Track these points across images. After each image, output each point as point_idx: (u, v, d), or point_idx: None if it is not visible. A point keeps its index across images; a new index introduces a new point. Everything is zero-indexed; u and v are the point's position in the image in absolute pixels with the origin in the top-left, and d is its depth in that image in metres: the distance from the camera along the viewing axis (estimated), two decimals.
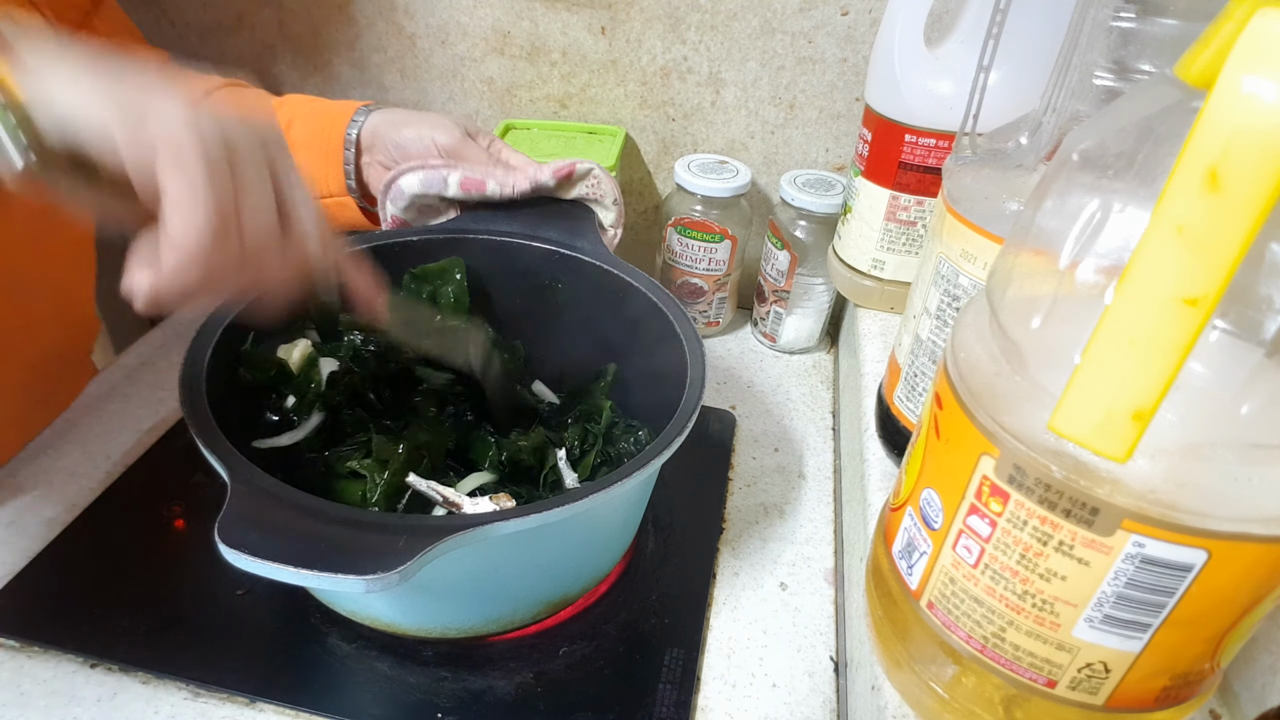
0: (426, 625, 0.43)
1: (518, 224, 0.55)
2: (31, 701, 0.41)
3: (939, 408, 0.31)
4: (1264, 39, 0.18)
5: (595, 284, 0.53)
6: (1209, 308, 0.19)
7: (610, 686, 0.43)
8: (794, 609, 0.49)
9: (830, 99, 0.67)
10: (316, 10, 0.72)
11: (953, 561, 0.30)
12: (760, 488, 0.58)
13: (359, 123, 0.53)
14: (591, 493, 0.36)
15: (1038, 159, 0.36)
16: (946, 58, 0.52)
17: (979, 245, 0.38)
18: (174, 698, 0.42)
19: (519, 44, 0.70)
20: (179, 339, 0.68)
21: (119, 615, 0.45)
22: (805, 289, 0.68)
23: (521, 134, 0.71)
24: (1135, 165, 0.24)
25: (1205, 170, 0.18)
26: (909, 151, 0.54)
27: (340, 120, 0.54)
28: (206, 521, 0.52)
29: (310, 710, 0.42)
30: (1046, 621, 0.27)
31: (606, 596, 0.48)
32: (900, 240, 0.57)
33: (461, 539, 0.33)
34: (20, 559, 0.47)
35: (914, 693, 0.34)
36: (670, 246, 0.70)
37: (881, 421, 0.50)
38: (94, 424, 0.58)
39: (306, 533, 0.32)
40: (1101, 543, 0.25)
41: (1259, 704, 0.34)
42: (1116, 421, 0.21)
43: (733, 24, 0.65)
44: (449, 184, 0.53)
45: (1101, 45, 0.31)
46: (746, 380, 0.69)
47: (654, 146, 0.73)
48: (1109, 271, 0.25)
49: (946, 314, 0.41)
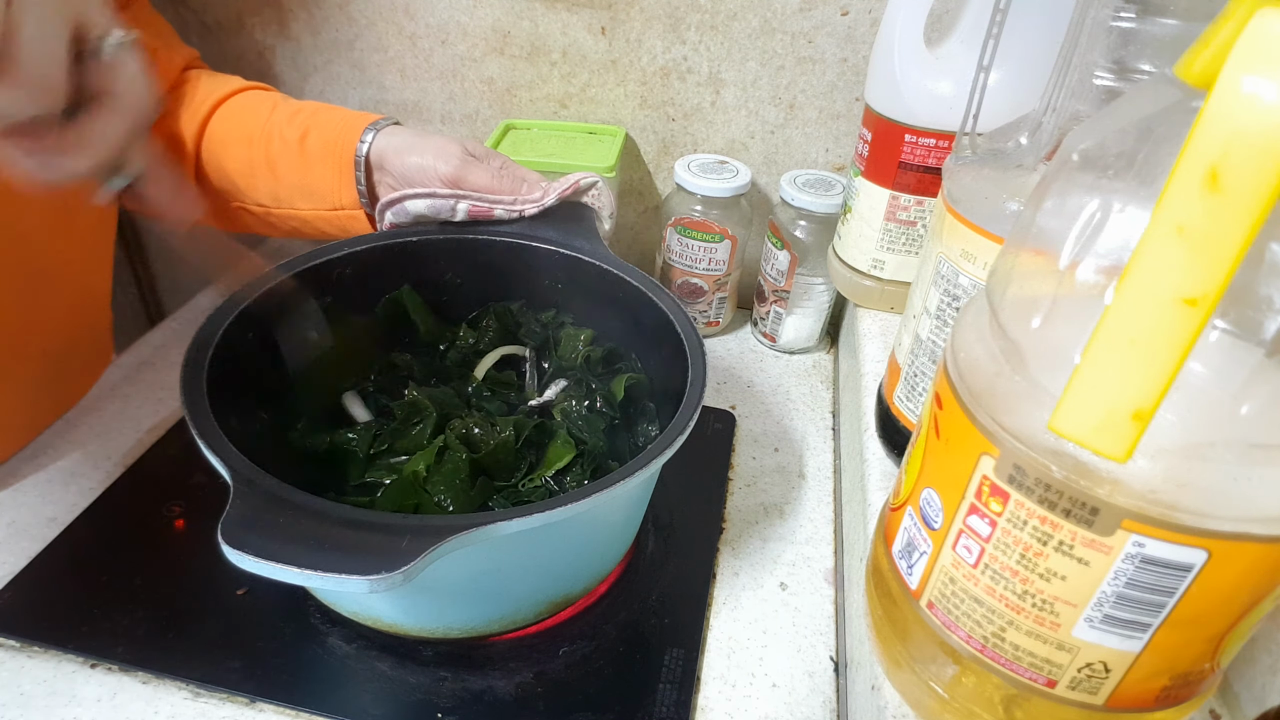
0: (429, 626, 0.43)
1: (518, 224, 0.55)
2: (31, 701, 0.41)
3: (939, 408, 0.31)
4: (1264, 39, 0.18)
5: (595, 284, 0.53)
6: (1209, 308, 0.19)
7: (610, 686, 0.43)
8: (794, 609, 0.49)
9: (830, 99, 0.67)
10: (316, 10, 0.72)
11: (953, 561, 0.30)
12: (760, 488, 0.58)
13: (368, 142, 0.53)
14: (594, 492, 0.36)
15: (1038, 159, 0.36)
16: (946, 58, 0.52)
17: (979, 245, 0.38)
18: (174, 698, 0.42)
19: (519, 44, 0.70)
20: (179, 339, 0.68)
21: (119, 615, 0.45)
22: (805, 289, 0.68)
23: (521, 134, 0.71)
24: (1135, 165, 0.24)
25: (1205, 170, 0.18)
26: (909, 151, 0.54)
27: (351, 135, 0.54)
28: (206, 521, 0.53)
29: (310, 710, 0.42)
30: (1046, 621, 0.27)
31: (606, 596, 0.48)
32: (900, 240, 0.57)
33: (465, 538, 0.33)
34: (20, 559, 0.48)
35: (914, 693, 0.34)
36: (670, 246, 0.70)
37: (881, 421, 0.50)
38: (94, 424, 0.58)
39: (310, 533, 0.32)
40: (1101, 543, 0.25)
41: (1259, 704, 0.34)
42: (1116, 421, 0.21)
43: (733, 24, 0.65)
44: (457, 211, 0.54)
45: (1101, 45, 0.31)
46: (746, 380, 0.69)
47: (654, 146, 0.73)
48: (1109, 271, 0.25)
49: (946, 314, 0.41)
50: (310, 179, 0.54)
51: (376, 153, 0.53)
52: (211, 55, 0.77)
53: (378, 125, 0.54)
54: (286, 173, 0.54)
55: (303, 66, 0.76)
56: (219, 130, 0.56)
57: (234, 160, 0.55)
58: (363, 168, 0.54)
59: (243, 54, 0.76)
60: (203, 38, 0.76)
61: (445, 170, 0.52)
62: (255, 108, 0.56)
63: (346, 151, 0.53)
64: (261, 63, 0.77)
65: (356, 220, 0.56)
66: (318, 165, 0.54)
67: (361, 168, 0.54)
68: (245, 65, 0.77)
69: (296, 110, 0.56)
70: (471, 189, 0.53)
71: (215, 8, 0.74)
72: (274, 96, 0.58)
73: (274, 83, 0.77)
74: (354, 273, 0.52)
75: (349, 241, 0.52)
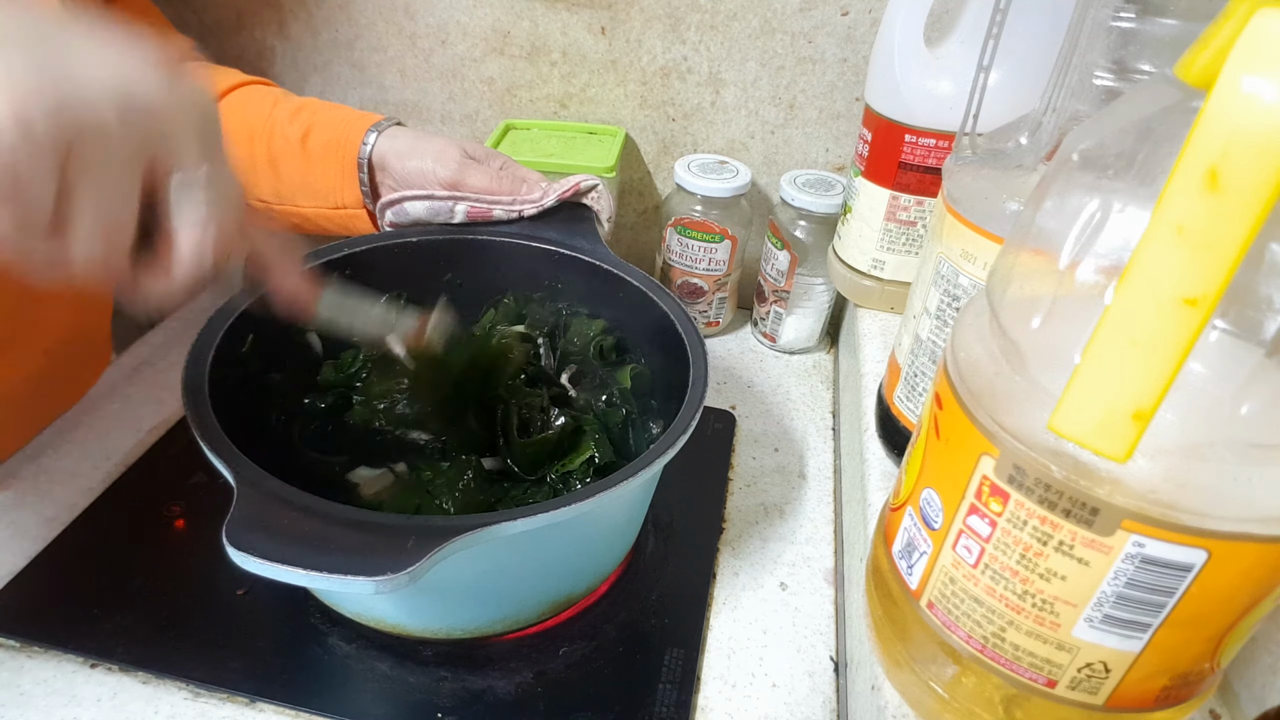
0: (432, 626, 0.43)
1: (518, 224, 0.55)
2: (31, 701, 0.41)
3: (939, 408, 0.31)
4: (1264, 39, 0.18)
5: (595, 284, 0.53)
6: (1209, 308, 0.19)
7: (610, 686, 0.43)
8: (794, 609, 0.49)
9: (830, 99, 0.67)
10: (316, 10, 0.72)
11: (953, 561, 0.30)
12: (760, 488, 0.58)
13: (370, 144, 0.54)
14: (596, 492, 0.36)
15: (1038, 159, 0.36)
16: (946, 58, 0.52)
17: (979, 245, 0.38)
18: (174, 698, 0.42)
19: (519, 44, 0.70)
20: (179, 339, 0.68)
21: (119, 615, 0.45)
22: (805, 289, 0.68)
23: (521, 134, 0.71)
24: (1135, 165, 0.24)
25: (1205, 170, 0.18)
26: (909, 151, 0.54)
27: (354, 136, 0.54)
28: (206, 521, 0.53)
29: (310, 710, 0.42)
30: (1046, 621, 0.27)
31: (607, 596, 0.48)
32: (900, 240, 0.57)
33: (470, 539, 0.33)
34: (20, 559, 0.47)
35: (914, 693, 0.34)
36: (670, 246, 0.70)
37: (881, 421, 0.50)
38: (94, 424, 0.58)
39: (314, 534, 0.32)
40: (1101, 543, 0.25)
41: (1259, 704, 0.34)
42: (1116, 421, 0.21)
43: (733, 24, 0.65)
44: (456, 213, 0.54)
45: (1101, 45, 0.31)
46: (746, 380, 0.69)
47: (654, 146, 0.73)
48: (1109, 271, 0.25)
49: (946, 314, 0.41)
50: (312, 178, 0.54)
51: (379, 155, 0.54)
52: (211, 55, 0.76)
53: (380, 126, 0.54)
54: (288, 170, 0.54)
55: (303, 66, 0.76)
56: None
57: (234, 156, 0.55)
58: (365, 169, 0.54)
59: (242, 54, 0.76)
60: (202, 37, 0.76)
61: (444, 174, 0.52)
62: (256, 103, 0.56)
63: (349, 152, 0.53)
64: (261, 62, 0.77)
65: (359, 219, 0.56)
66: (320, 164, 0.54)
67: (364, 169, 0.54)
68: (245, 65, 0.76)
69: (298, 107, 0.56)
70: (470, 191, 0.53)
71: (215, 8, 0.74)
72: (274, 92, 0.58)
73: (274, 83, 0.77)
74: (354, 273, 0.52)
75: (349, 242, 0.52)
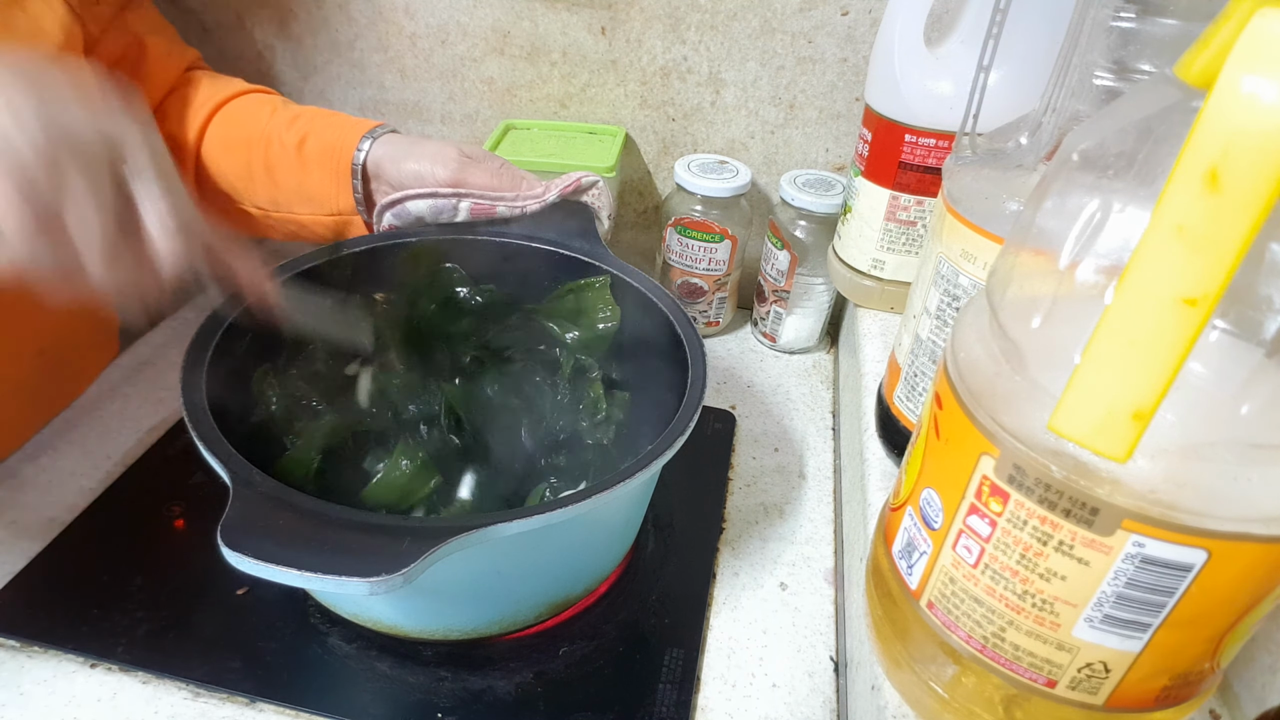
0: (429, 627, 0.43)
1: (518, 224, 0.55)
2: (31, 701, 0.41)
3: (939, 408, 0.31)
4: (1264, 39, 0.18)
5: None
6: (1209, 308, 0.19)
7: (610, 686, 0.43)
8: (794, 609, 0.49)
9: (830, 99, 0.67)
10: (316, 10, 0.72)
11: (953, 561, 0.30)
12: (760, 488, 0.58)
13: (364, 150, 0.53)
14: (594, 493, 0.36)
15: (1038, 159, 0.36)
16: (946, 58, 0.52)
17: (979, 245, 0.38)
18: (174, 698, 0.42)
19: (519, 44, 0.70)
20: (179, 339, 0.68)
21: (119, 615, 0.45)
22: (805, 289, 0.68)
23: (521, 134, 0.71)
24: (1135, 165, 0.24)
25: (1205, 170, 0.18)
26: (909, 151, 0.54)
27: (348, 142, 0.54)
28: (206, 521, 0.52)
29: (310, 710, 0.42)
30: (1046, 621, 0.27)
31: (606, 596, 0.48)
32: (900, 240, 0.57)
33: (466, 540, 0.33)
34: (20, 559, 0.47)
35: (914, 693, 0.34)
36: (670, 246, 0.70)
37: (881, 421, 0.50)
38: (94, 424, 0.58)
39: (310, 535, 0.32)
40: (1101, 543, 0.25)
41: (1259, 704, 0.34)
42: (1116, 421, 0.21)
43: (733, 24, 0.65)
44: (459, 211, 0.54)
45: (1101, 45, 0.31)
46: (746, 380, 0.69)
47: (654, 146, 0.73)
48: (1109, 271, 0.25)
49: (946, 314, 0.41)
50: (308, 185, 0.54)
51: (373, 161, 0.54)
52: (211, 55, 0.76)
53: (375, 133, 0.54)
54: (284, 178, 0.55)
55: (303, 66, 0.76)
56: (219, 133, 0.56)
57: (233, 164, 0.55)
58: (359, 175, 0.54)
59: (242, 54, 0.76)
60: (202, 38, 0.76)
61: (444, 174, 0.52)
62: (255, 111, 0.56)
63: (344, 159, 0.53)
64: (261, 63, 0.77)
65: (354, 226, 0.56)
66: (315, 171, 0.54)
67: (358, 175, 0.54)
68: (245, 65, 0.77)
69: (296, 115, 0.56)
70: (473, 189, 0.53)
71: (215, 8, 0.74)
72: (274, 100, 0.58)
73: (274, 83, 0.77)
74: (354, 274, 0.52)
75: (349, 242, 0.52)
